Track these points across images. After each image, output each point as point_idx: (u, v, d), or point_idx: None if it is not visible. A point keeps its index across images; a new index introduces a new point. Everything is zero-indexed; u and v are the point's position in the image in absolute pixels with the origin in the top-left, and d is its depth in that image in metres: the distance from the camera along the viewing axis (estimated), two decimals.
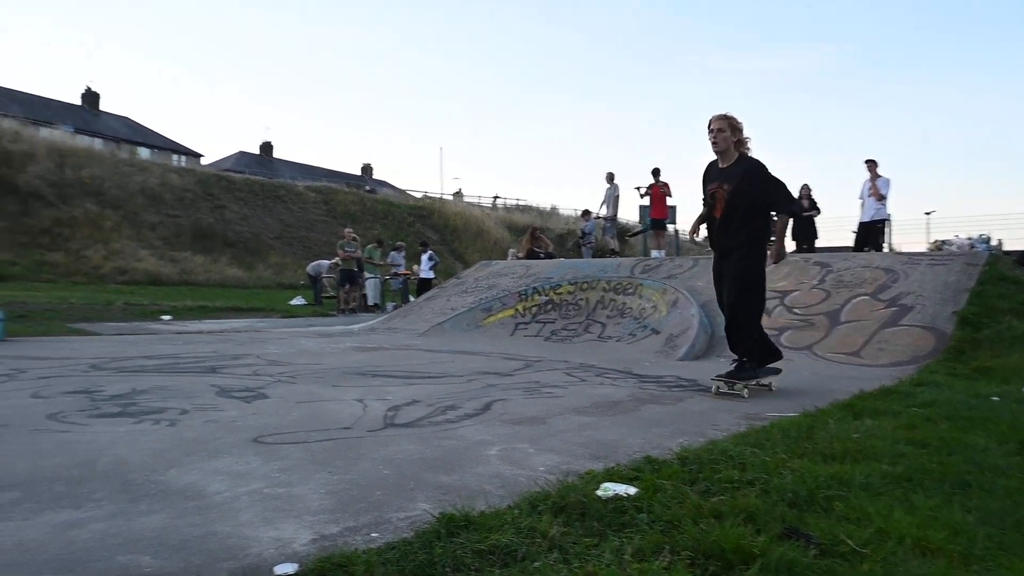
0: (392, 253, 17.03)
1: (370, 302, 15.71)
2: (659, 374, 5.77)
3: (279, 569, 1.69)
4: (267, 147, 49.72)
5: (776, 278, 8.36)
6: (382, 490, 2.42)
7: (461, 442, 3.20)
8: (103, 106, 42.97)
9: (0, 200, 19.69)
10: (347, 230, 15.72)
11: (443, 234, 32.39)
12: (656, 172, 13.41)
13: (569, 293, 9.77)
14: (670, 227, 15.26)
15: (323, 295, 16.41)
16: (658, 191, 13.27)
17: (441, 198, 41.20)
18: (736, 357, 4.87)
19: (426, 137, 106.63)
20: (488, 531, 1.92)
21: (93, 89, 42.49)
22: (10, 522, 2.06)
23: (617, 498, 2.20)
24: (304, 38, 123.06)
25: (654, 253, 13.06)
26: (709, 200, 4.83)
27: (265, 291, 19.66)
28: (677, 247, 17.80)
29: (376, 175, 53.89)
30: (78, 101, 41.74)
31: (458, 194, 47.33)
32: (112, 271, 19.10)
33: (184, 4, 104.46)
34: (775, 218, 4.81)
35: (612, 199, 14.15)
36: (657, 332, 8.02)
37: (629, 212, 20.33)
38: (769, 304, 7.91)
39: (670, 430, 3.53)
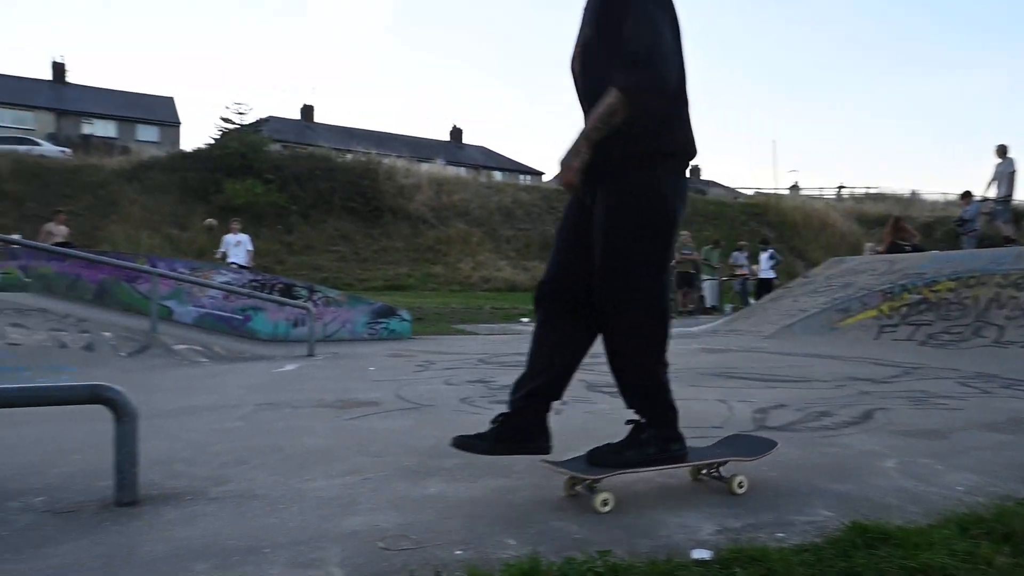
0: (734, 253, 16.54)
1: (708, 304, 15.51)
2: None
3: (696, 553, 1.78)
4: None
5: None
6: (774, 491, 2.38)
7: (847, 450, 2.98)
8: (465, 139, 50.26)
9: (398, 224, 24.32)
10: (684, 233, 15.78)
11: (780, 231, 30.39)
12: None
13: (950, 291, 8.36)
14: None
15: None
16: None
17: (776, 193, 38.78)
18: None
19: (757, 132, 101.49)
20: (914, 548, 1.76)
21: (458, 126, 50.14)
22: (461, 483, 2.54)
23: None
24: None
25: None
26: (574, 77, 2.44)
27: None
28: None
29: (704, 175, 53.05)
30: (447, 137, 49.48)
31: (795, 187, 44.06)
32: (478, 280, 22.14)
33: (522, 46, 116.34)
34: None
35: (1006, 176, 11.69)
36: None
37: None
38: None
39: None
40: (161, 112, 42.48)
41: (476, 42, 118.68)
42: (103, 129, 37.51)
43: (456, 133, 49.92)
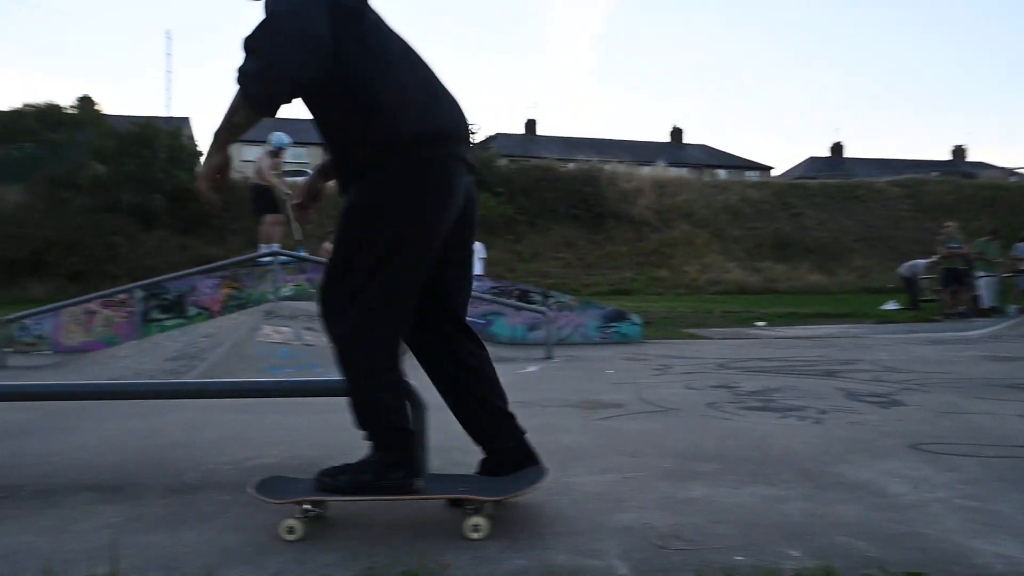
0: (1018, 244, 14.05)
1: (984, 305, 13.36)
2: None
3: None
4: (837, 148, 48.16)
5: None
6: None
7: None
8: (685, 139, 48.98)
9: (621, 229, 24.42)
10: (950, 224, 13.81)
11: None
12: None
13: None
14: None
15: (921, 299, 14.76)
16: None
17: None
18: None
19: None
20: None
21: (677, 126, 49.14)
22: (725, 488, 2.48)
23: None
24: (863, 30, 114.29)
25: None
26: None
27: (850, 296, 18.86)
28: None
29: (971, 157, 45.92)
30: (667, 138, 48.61)
31: None
32: (705, 283, 21.39)
33: (740, 39, 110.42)
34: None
35: None
36: None
37: None
38: None
39: None
40: None
41: (687, 39, 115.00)
42: None
43: (676, 133, 48.86)
